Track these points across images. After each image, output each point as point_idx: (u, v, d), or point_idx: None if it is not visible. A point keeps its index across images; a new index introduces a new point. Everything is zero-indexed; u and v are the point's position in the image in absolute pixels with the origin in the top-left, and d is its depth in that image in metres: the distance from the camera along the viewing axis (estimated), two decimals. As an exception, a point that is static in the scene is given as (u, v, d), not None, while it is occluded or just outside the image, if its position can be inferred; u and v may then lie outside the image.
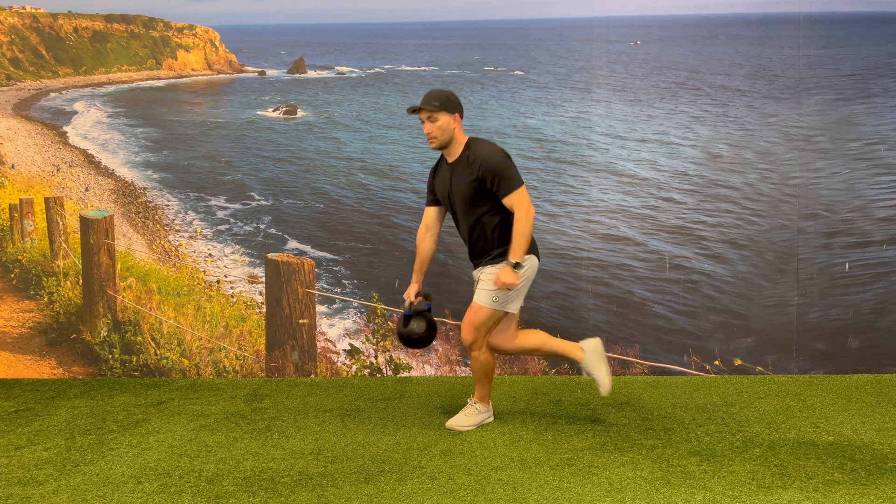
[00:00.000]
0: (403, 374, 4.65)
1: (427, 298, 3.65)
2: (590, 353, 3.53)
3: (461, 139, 3.41)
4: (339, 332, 4.73)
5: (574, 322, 4.55)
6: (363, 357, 4.69)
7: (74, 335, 4.80)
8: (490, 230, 3.38)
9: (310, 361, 4.70)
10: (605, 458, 3.16)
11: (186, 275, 4.81)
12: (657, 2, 4.87)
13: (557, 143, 4.73)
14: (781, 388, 4.22)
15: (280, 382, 4.55)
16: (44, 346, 4.80)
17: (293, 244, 4.81)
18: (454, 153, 3.41)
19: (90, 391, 4.40)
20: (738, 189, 4.62)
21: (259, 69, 5.21)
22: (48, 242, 4.84)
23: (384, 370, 4.68)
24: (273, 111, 5.07)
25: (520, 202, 3.29)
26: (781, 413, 3.76)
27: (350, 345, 4.73)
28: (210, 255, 4.84)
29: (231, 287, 4.79)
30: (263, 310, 4.73)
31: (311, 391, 4.33)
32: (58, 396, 4.30)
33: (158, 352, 4.74)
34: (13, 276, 4.84)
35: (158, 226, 4.87)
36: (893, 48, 4.69)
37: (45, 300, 4.83)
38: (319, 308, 4.73)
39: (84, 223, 4.76)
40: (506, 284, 3.29)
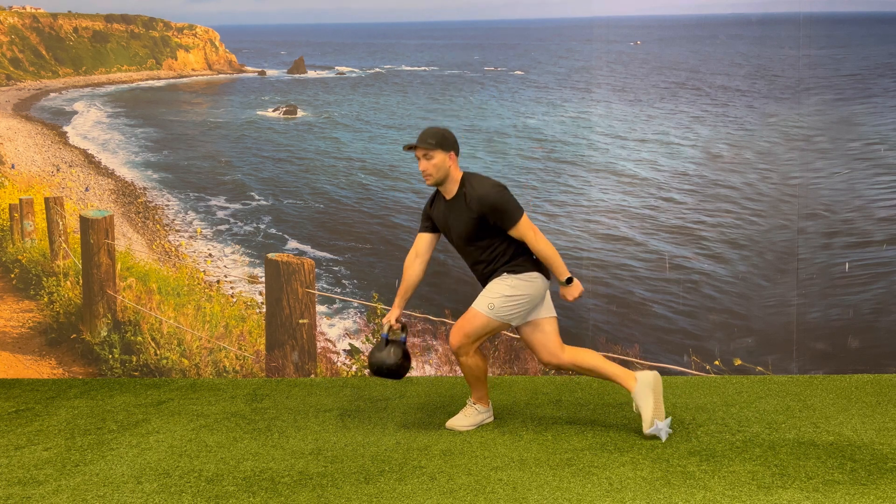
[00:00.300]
0: (403, 374, 4.65)
1: (404, 329, 3.58)
2: (641, 385, 3.37)
3: (456, 176, 3.40)
4: (339, 332, 4.74)
5: (574, 322, 4.56)
6: (363, 357, 4.69)
7: (74, 335, 4.80)
8: (494, 257, 3.39)
9: (310, 361, 4.70)
10: (605, 458, 3.15)
11: (186, 275, 4.81)
12: (657, 2, 4.87)
13: (557, 143, 4.73)
14: (781, 388, 4.22)
15: (280, 382, 4.55)
16: (44, 346, 4.80)
17: (293, 244, 4.81)
18: (450, 191, 3.40)
19: (90, 391, 4.40)
20: (738, 189, 4.62)
21: (259, 69, 5.21)
22: (48, 242, 4.84)
23: (384, 370, 4.68)
24: (273, 111, 5.07)
25: (526, 231, 3.32)
26: (781, 413, 3.76)
27: (350, 345, 4.73)
28: (210, 255, 4.84)
29: (231, 287, 4.79)
30: (263, 310, 4.73)
31: (311, 391, 4.33)
32: (58, 396, 4.30)
33: (158, 352, 4.74)
34: (13, 276, 4.84)
35: (158, 226, 4.87)
36: (893, 48, 4.69)
37: (45, 300, 4.83)
38: (319, 308, 4.73)
39: (84, 223, 4.76)
40: (576, 298, 3.45)
